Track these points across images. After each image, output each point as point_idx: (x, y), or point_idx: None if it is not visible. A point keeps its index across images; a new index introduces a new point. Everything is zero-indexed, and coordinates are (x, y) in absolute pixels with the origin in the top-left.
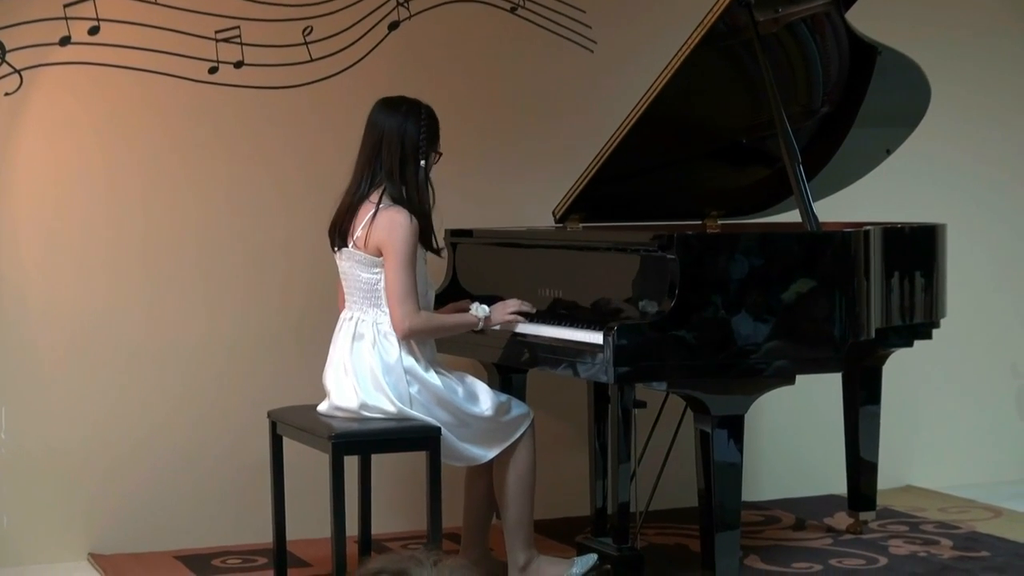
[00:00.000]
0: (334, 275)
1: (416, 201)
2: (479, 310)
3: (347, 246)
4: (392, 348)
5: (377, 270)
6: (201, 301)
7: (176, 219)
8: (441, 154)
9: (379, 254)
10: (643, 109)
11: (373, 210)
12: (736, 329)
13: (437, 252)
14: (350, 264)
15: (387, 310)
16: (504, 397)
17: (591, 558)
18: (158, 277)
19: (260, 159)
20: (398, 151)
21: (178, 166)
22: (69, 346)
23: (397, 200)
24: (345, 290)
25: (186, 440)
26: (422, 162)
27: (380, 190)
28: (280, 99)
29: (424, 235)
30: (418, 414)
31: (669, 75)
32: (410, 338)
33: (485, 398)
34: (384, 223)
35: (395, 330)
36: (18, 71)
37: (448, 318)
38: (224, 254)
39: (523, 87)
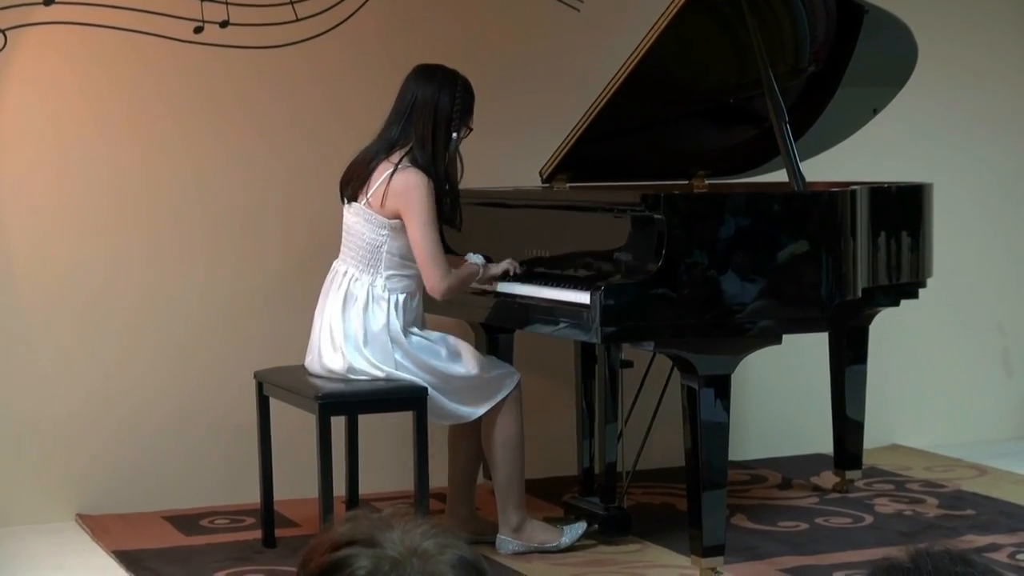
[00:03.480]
0: (330, 235)
1: (444, 172)
2: (475, 258)
3: (358, 201)
4: (381, 313)
5: (384, 232)
6: (198, 263)
7: (172, 181)
8: (472, 129)
9: (394, 217)
10: (630, 68)
11: (391, 170)
12: (723, 289)
13: (457, 227)
14: (357, 220)
15: (384, 272)
16: (488, 357)
17: (580, 527)
18: (154, 239)
19: (252, 120)
20: (430, 120)
21: (171, 126)
22: (61, 309)
23: (424, 168)
24: (344, 244)
25: (177, 402)
26: (454, 134)
27: (403, 152)
28: (268, 59)
29: (449, 209)
30: (403, 376)
31: (656, 34)
32: (446, 297)
33: (468, 357)
34: (400, 185)
35: (433, 292)
36: (2, 31)
37: (462, 271)
38: (219, 216)
39: (510, 46)
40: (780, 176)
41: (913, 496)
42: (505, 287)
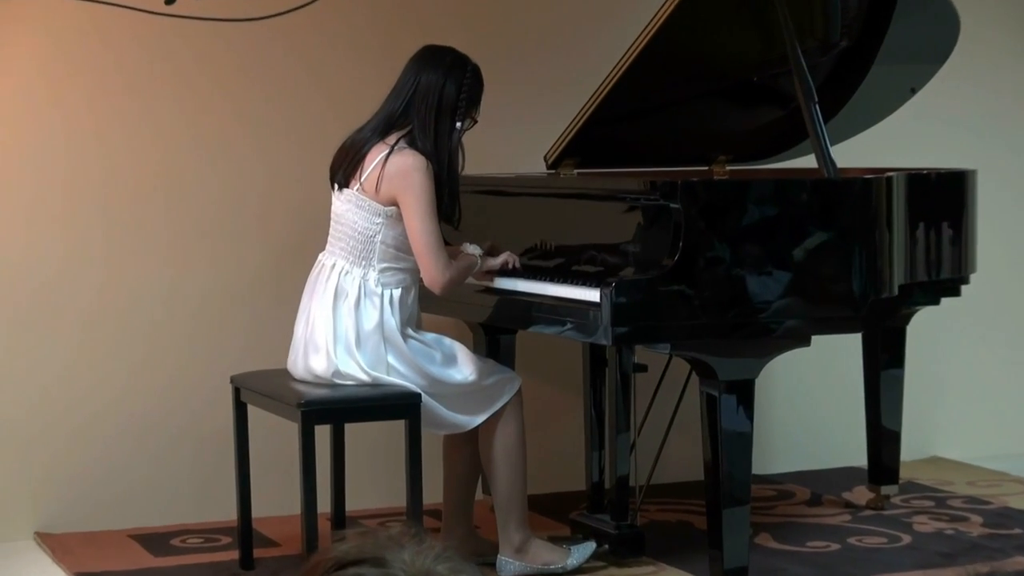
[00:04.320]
0: (313, 226)
1: (445, 164)
2: (472, 249)
3: (349, 187)
4: (374, 311)
5: (379, 220)
6: (164, 256)
7: (136, 165)
8: (476, 121)
9: (390, 203)
10: (644, 43)
11: (386, 152)
12: (746, 285)
13: (455, 224)
14: (347, 208)
15: (377, 265)
16: (487, 360)
17: (588, 547)
18: (116, 228)
19: (225, 99)
20: (434, 106)
21: (135, 107)
22: (14, 305)
23: (424, 152)
24: (332, 235)
25: (144, 410)
26: (458, 124)
27: (400, 134)
28: (243, 33)
29: (448, 205)
30: (396, 380)
31: (673, 5)
32: (446, 292)
33: (465, 362)
34: (397, 168)
35: (432, 285)
36: None
37: (461, 263)
38: (190, 204)
39: (512, 17)
40: (809, 162)
41: (955, 513)
42: (506, 283)
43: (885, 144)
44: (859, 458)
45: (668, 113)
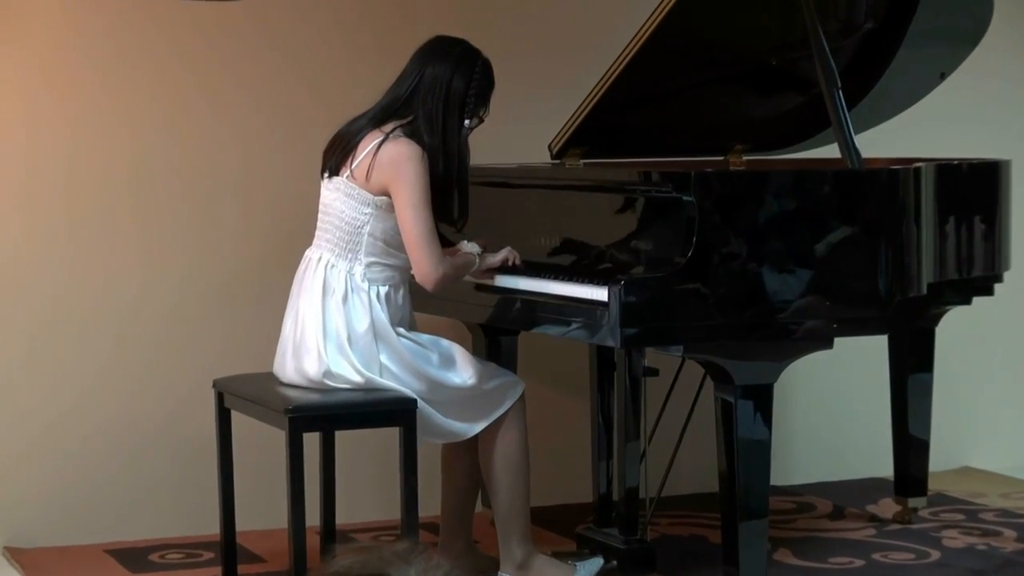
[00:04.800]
0: (297, 220)
1: (455, 162)
2: (470, 247)
3: (339, 175)
4: (361, 308)
5: (368, 211)
6: (134, 251)
7: (102, 155)
8: (483, 120)
9: (381, 193)
10: (656, 23)
11: (380, 139)
12: (764, 284)
13: (459, 226)
14: (336, 196)
15: (364, 259)
16: (487, 364)
17: (595, 563)
18: (80, 221)
19: (199, 83)
20: (441, 101)
21: (101, 90)
22: None
23: (426, 146)
24: (320, 226)
25: (120, 416)
26: (466, 121)
27: (399, 123)
28: (218, 12)
29: (456, 208)
30: (389, 383)
31: None
32: (439, 289)
33: (465, 364)
34: (390, 156)
35: (425, 281)
36: None
37: (458, 259)
38: (161, 195)
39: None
40: (831, 151)
41: (987, 528)
42: (507, 281)
43: (913, 133)
44: (885, 468)
45: (681, 99)
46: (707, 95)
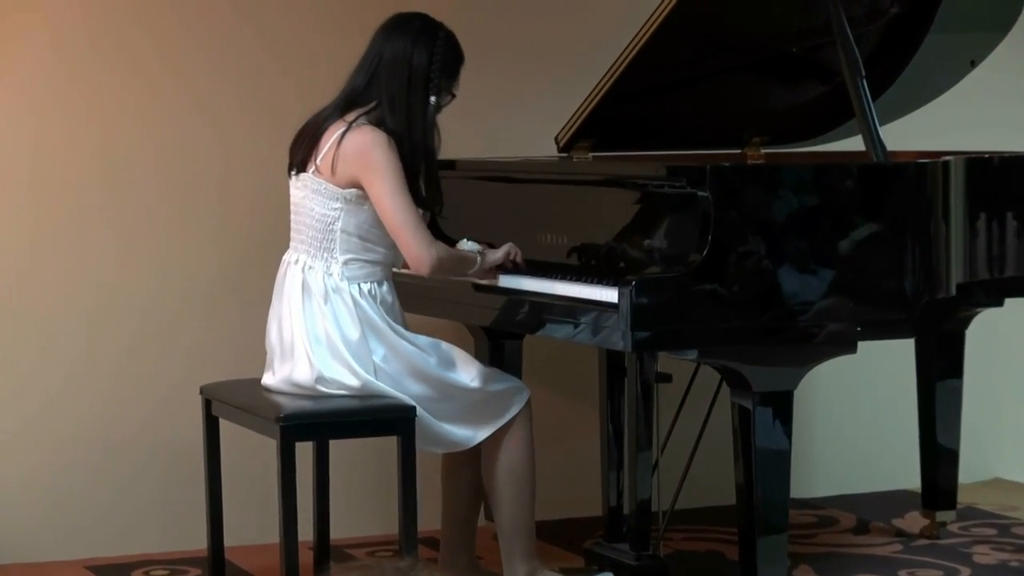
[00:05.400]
0: (281, 217)
1: (420, 145)
2: (470, 245)
3: (305, 171)
4: (346, 307)
5: (337, 205)
6: (109, 251)
7: (72, 149)
8: (455, 96)
9: (349, 186)
10: (668, 8)
11: (343, 128)
12: (783, 284)
13: (437, 212)
14: (304, 194)
15: (340, 257)
16: (490, 368)
17: None
18: (51, 222)
19: (175, 76)
20: (404, 79)
21: (71, 83)
22: None
23: (390, 132)
24: (293, 227)
25: (98, 425)
26: (432, 98)
27: (361, 111)
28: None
29: (427, 192)
30: (386, 387)
31: None
32: (436, 274)
33: (466, 366)
34: (354, 146)
35: (419, 266)
36: None
37: (459, 252)
38: (137, 192)
39: None
40: (855, 144)
41: (1020, 543)
42: (511, 282)
43: (941, 124)
44: (911, 480)
45: (695, 89)
46: (723, 84)
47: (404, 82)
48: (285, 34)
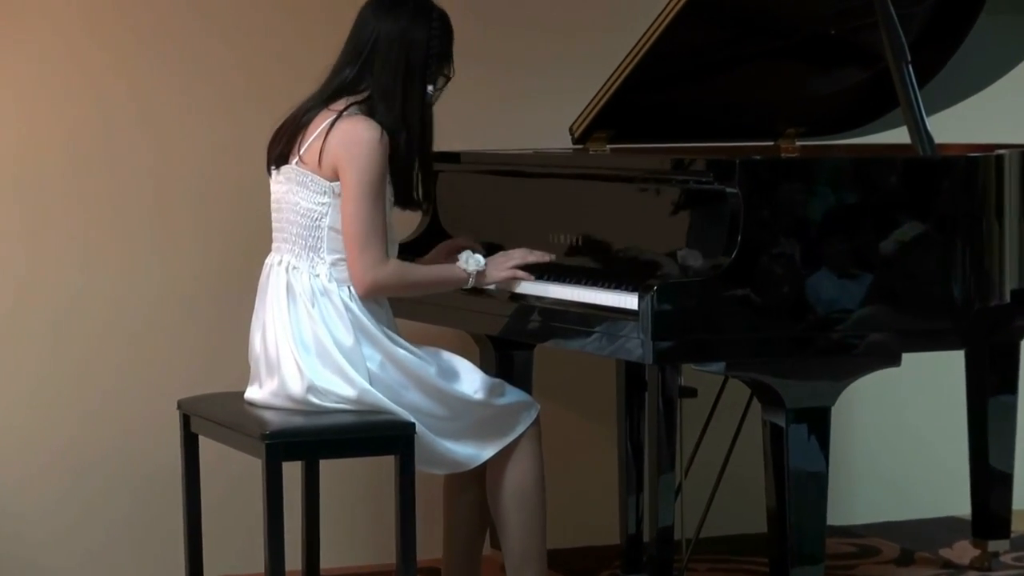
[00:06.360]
0: (264, 217)
1: (418, 136)
2: (471, 262)
3: (288, 163)
4: (335, 311)
5: (325, 200)
6: (73, 253)
7: (33, 144)
8: (450, 78)
9: (335, 177)
10: None
11: (332, 117)
12: (820, 289)
13: (420, 208)
14: (288, 188)
15: (327, 257)
16: (497, 381)
17: None
18: (7, 222)
19: (155, 59)
20: (400, 66)
21: (31, 74)
22: None
23: (385, 125)
24: (275, 226)
25: (64, 443)
26: (429, 87)
27: (352, 100)
28: None
29: (420, 188)
30: (383, 398)
31: None
32: (374, 296)
33: (470, 377)
34: (343, 135)
35: (356, 284)
36: None
37: (427, 271)
38: (104, 189)
39: None
40: (899, 136)
41: None
42: (521, 286)
43: (995, 114)
44: (960, 506)
45: (724, 75)
46: (754, 70)
47: (400, 71)
48: (274, 31)
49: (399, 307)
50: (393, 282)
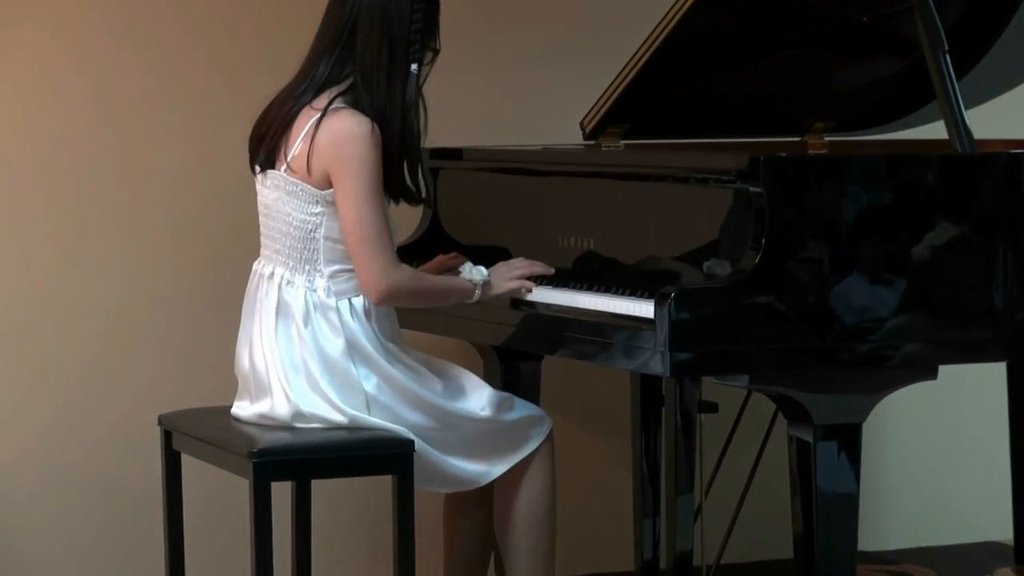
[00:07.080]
0: (251, 219)
1: (399, 121)
2: (474, 273)
3: (275, 168)
4: (330, 330)
5: (317, 210)
6: (52, 261)
7: (9, 148)
8: (438, 51)
9: (327, 185)
10: None
11: (316, 116)
12: (850, 297)
13: (419, 200)
14: (277, 196)
15: (325, 269)
16: (505, 394)
17: None
18: None
19: (129, 51)
20: (383, 45)
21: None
22: None
23: (371, 114)
24: (264, 233)
25: (38, 461)
26: (413, 66)
27: (335, 92)
28: None
29: (408, 179)
30: (380, 421)
31: None
32: (390, 303)
33: (477, 393)
34: (331, 135)
35: (368, 291)
36: None
37: (440, 279)
38: (90, 192)
39: None
40: (935, 131)
41: None
42: (528, 296)
43: None
44: (1002, 531)
45: (747, 65)
46: (780, 60)
47: (385, 49)
48: (258, 25)
49: (401, 316)
50: (410, 286)
